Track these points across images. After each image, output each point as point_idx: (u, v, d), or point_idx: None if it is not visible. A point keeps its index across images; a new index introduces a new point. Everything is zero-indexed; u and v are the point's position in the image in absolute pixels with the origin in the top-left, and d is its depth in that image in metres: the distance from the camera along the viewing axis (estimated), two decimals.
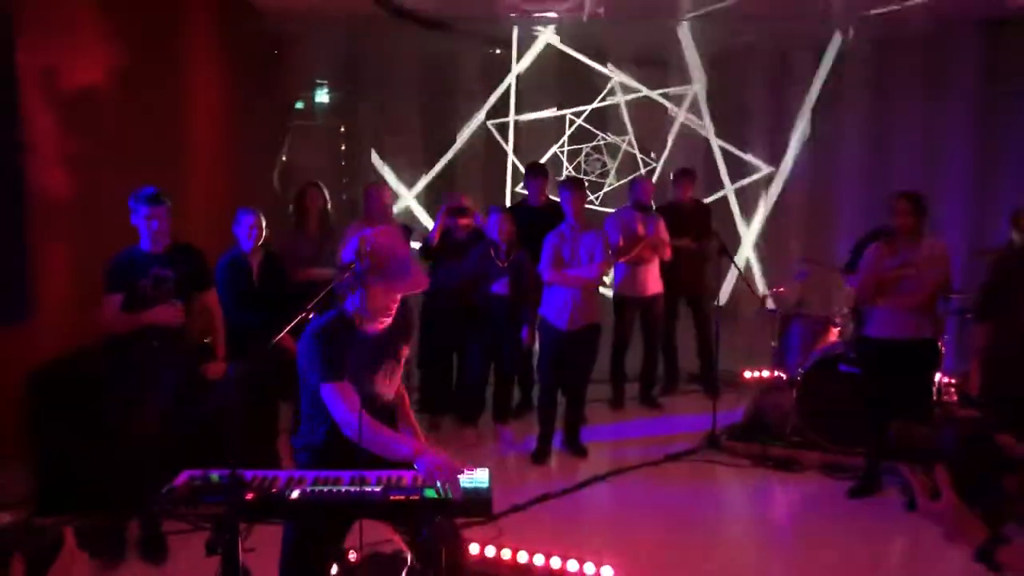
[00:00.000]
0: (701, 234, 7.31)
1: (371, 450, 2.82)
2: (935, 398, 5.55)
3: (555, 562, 4.16)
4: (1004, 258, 4.92)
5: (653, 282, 6.89)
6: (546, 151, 9.57)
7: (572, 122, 9.70)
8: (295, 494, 2.60)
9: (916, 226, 4.89)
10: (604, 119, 9.78)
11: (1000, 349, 4.60)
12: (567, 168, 9.64)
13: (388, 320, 3.04)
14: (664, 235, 6.79)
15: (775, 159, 9.55)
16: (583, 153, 9.76)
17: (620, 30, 9.34)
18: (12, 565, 3.09)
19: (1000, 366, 4.59)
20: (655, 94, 9.72)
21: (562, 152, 9.73)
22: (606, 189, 9.74)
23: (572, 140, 9.73)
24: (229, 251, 5.23)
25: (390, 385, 3.18)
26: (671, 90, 9.71)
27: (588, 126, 9.72)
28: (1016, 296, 4.54)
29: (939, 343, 5.02)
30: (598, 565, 4.11)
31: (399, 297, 3.01)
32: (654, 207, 6.94)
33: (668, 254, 6.81)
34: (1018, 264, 4.67)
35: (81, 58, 5.73)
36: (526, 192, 7.24)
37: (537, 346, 6.08)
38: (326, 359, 2.89)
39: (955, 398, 5.79)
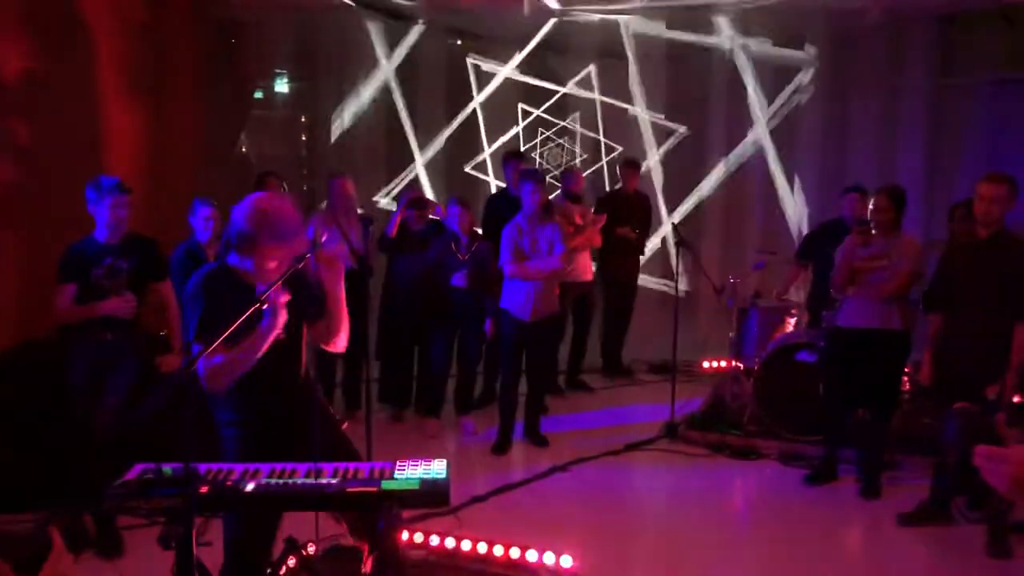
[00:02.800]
0: (642, 225, 7.65)
1: (238, 372, 2.82)
2: (902, 389, 5.64)
3: (515, 552, 4.17)
4: (948, 250, 5.01)
5: (586, 269, 7.11)
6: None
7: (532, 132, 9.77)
8: (250, 487, 2.58)
9: (893, 220, 4.96)
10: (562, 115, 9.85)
11: (948, 339, 4.69)
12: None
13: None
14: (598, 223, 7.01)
15: (729, 150, 9.59)
16: (543, 144, 9.79)
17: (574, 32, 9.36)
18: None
19: (948, 356, 4.68)
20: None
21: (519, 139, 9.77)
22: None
23: (528, 137, 9.79)
24: (185, 242, 5.17)
25: (286, 350, 3.04)
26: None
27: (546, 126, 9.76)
28: (960, 287, 4.63)
29: (909, 335, 5.07)
30: (558, 555, 4.13)
31: (281, 261, 2.90)
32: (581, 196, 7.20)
33: (599, 241, 7.09)
34: (960, 256, 4.76)
35: (31, 44, 5.62)
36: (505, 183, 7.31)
37: (499, 337, 6.09)
38: (200, 317, 2.87)
39: (907, 387, 5.88)
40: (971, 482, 4.73)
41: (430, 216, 6.37)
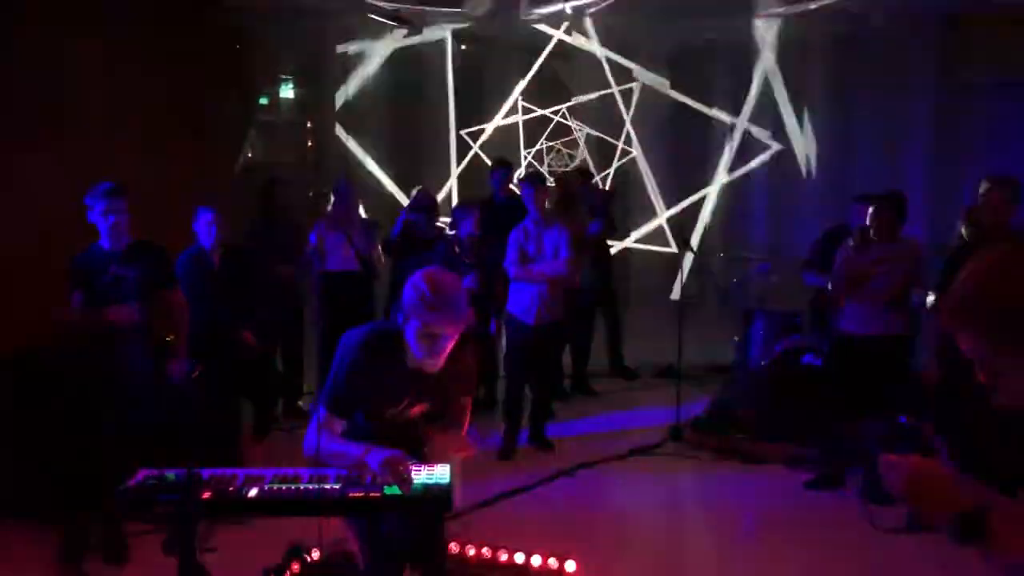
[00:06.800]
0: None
1: (331, 463, 2.82)
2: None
3: (519, 557, 4.17)
4: (956, 253, 5.00)
5: (584, 272, 6.93)
6: (513, 150, 9.63)
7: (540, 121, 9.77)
8: (253, 492, 2.59)
9: (892, 226, 4.96)
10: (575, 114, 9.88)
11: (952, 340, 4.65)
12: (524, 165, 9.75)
13: (436, 362, 2.88)
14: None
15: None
16: (547, 149, 9.83)
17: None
18: None
19: (953, 356, 4.64)
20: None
21: (528, 152, 9.80)
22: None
23: (534, 139, 9.82)
24: (189, 248, 5.20)
25: (410, 424, 3.06)
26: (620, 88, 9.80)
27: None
28: None
29: (911, 340, 5.06)
30: (562, 560, 4.13)
31: (449, 339, 2.84)
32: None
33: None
34: (966, 258, 4.73)
35: (36, 51, 5.66)
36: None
37: (504, 342, 6.09)
38: (341, 390, 2.87)
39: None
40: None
41: (437, 220, 6.39)
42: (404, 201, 8.79)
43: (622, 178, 9.90)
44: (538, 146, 9.79)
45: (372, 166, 9.56)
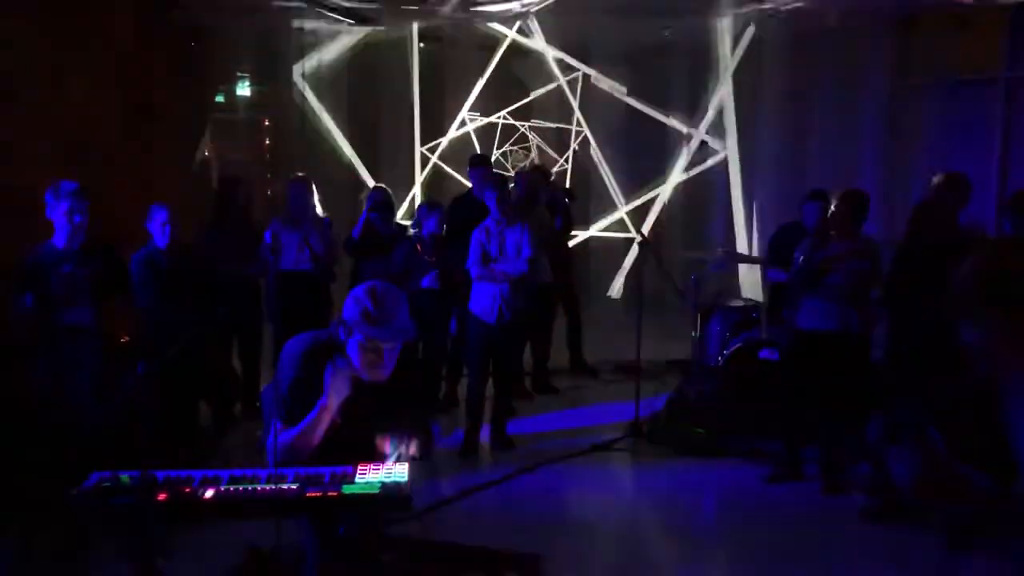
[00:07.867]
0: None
1: (302, 454, 2.84)
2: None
3: (480, 555, 4.16)
4: (905, 250, 5.09)
5: (544, 270, 6.95)
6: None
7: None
8: (209, 494, 2.56)
9: (852, 224, 5.02)
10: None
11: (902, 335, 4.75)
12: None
13: (380, 376, 2.87)
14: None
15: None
16: (509, 146, 9.83)
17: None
18: None
19: (904, 351, 4.73)
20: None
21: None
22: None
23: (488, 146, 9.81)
24: (144, 247, 5.13)
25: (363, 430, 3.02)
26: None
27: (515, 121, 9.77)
28: (917, 283, 4.70)
29: (868, 336, 5.13)
30: (524, 557, 4.13)
31: (393, 353, 2.85)
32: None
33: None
34: (916, 255, 4.83)
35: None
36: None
37: (466, 340, 6.09)
38: (288, 402, 2.86)
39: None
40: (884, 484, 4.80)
41: (394, 218, 6.37)
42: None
43: (580, 178, 9.96)
44: (494, 155, 9.73)
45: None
